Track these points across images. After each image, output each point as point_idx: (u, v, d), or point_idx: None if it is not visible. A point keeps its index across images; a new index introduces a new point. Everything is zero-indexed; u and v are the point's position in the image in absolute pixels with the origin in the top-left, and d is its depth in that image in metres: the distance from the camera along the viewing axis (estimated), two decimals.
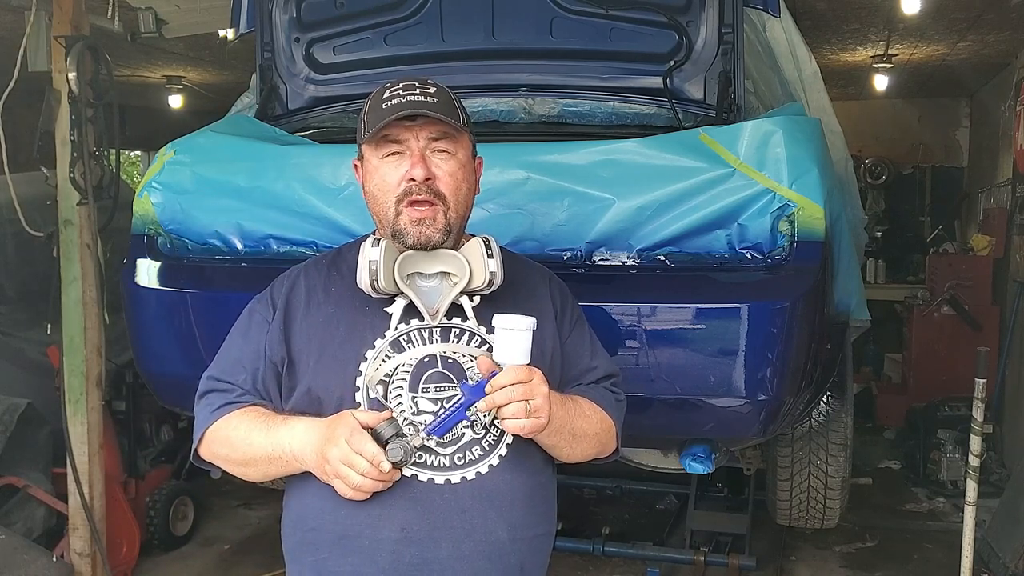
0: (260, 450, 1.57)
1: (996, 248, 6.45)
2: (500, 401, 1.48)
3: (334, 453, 1.47)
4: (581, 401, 1.65)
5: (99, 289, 3.78)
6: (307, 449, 1.52)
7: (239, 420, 1.61)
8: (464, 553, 1.54)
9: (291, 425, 1.56)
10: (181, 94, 7.48)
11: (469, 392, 1.52)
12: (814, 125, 2.72)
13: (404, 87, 1.62)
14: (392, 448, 1.46)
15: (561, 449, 1.64)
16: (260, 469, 1.61)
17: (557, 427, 1.57)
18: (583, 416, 1.64)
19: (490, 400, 1.48)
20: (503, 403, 1.48)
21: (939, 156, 8.61)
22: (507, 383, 1.48)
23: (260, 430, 1.57)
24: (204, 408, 1.66)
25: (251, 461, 1.60)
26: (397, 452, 1.46)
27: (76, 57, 3.58)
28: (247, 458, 1.60)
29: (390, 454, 1.46)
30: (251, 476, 1.65)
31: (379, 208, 1.64)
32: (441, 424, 1.53)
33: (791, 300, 2.36)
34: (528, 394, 1.48)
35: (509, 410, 1.48)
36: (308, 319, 1.65)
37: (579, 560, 4.28)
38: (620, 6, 3.02)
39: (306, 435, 1.53)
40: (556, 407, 1.54)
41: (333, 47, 3.28)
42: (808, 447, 3.47)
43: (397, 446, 1.47)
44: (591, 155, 2.49)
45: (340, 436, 1.47)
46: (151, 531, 4.44)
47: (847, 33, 5.78)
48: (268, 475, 1.63)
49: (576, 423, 1.62)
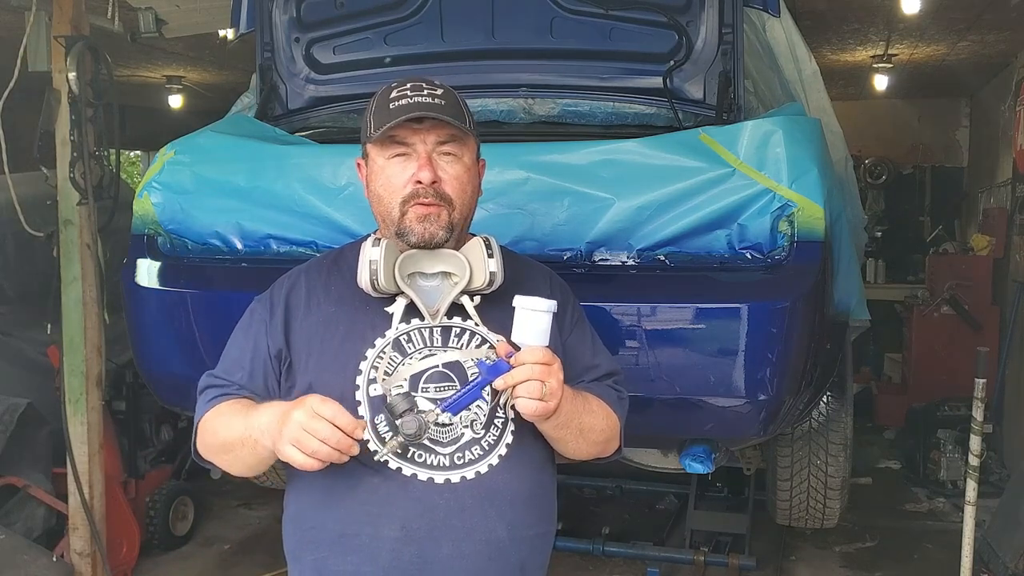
0: (236, 433, 1.53)
1: (996, 248, 6.45)
2: (519, 379, 1.46)
3: (296, 415, 1.40)
4: (589, 397, 1.65)
5: (99, 289, 3.78)
6: (274, 420, 1.45)
7: (227, 407, 1.60)
8: (464, 552, 1.54)
9: (268, 405, 1.53)
10: (181, 94, 7.48)
11: (487, 371, 1.50)
12: (814, 125, 2.72)
13: (412, 87, 1.61)
14: (406, 421, 1.45)
15: (567, 444, 1.64)
16: (238, 455, 1.56)
17: (565, 420, 1.56)
18: (591, 412, 1.63)
19: (509, 376, 1.46)
20: (522, 380, 1.45)
21: (939, 156, 8.61)
22: (528, 361, 1.46)
23: (240, 415, 1.55)
24: (200, 402, 1.66)
25: (230, 446, 1.56)
26: (411, 425, 1.45)
27: (76, 57, 3.58)
28: (226, 443, 1.57)
29: (404, 426, 1.44)
30: (234, 466, 1.61)
31: (383, 208, 1.64)
32: (457, 402, 1.51)
33: (791, 300, 2.36)
34: (546, 376, 1.46)
35: (525, 388, 1.46)
36: (308, 318, 1.65)
37: (579, 560, 4.27)
38: (620, 6, 3.03)
39: (272, 410, 1.48)
40: (567, 399, 1.53)
41: (333, 47, 3.28)
42: (808, 447, 3.48)
43: (411, 418, 1.45)
44: (591, 155, 2.49)
45: (308, 403, 1.41)
46: (151, 531, 4.44)
47: (847, 33, 5.78)
48: (247, 463, 1.58)
49: (584, 418, 1.61)
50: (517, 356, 1.47)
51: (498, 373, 1.47)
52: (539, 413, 1.49)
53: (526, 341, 1.48)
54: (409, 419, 1.45)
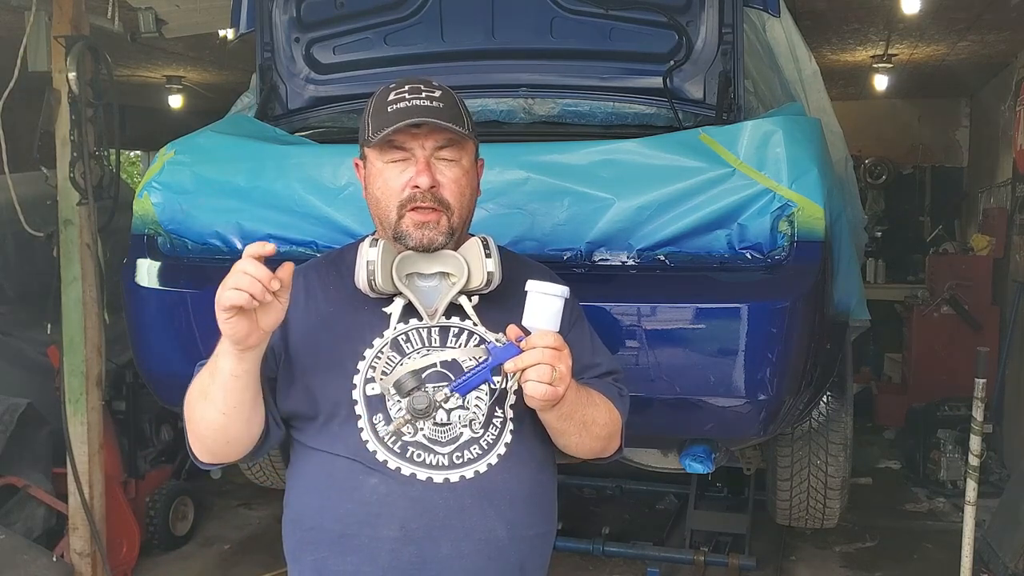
0: (201, 382, 1.50)
1: (996, 248, 6.45)
2: (529, 361, 1.44)
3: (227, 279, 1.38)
4: (592, 391, 1.64)
5: (99, 289, 3.78)
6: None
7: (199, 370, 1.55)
8: (464, 552, 1.54)
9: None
10: (181, 94, 7.48)
11: (496, 354, 1.48)
12: (814, 125, 2.72)
13: (410, 90, 1.60)
14: (417, 396, 1.45)
15: (570, 436, 1.62)
16: (210, 402, 1.49)
17: (569, 411, 1.55)
18: (594, 404, 1.62)
19: (520, 359, 1.44)
20: (532, 363, 1.44)
21: (939, 156, 8.61)
22: (539, 345, 1.45)
23: (206, 368, 1.51)
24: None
25: (200, 398, 1.51)
26: (422, 400, 1.45)
27: (76, 57, 3.58)
28: (196, 397, 1.52)
29: (416, 401, 1.45)
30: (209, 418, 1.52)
31: (380, 211, 1.64)
32: (466, 382, 1.49)
33: (791, 300, 2.36)
34: (556, 360, 1.45)
35: (535, 372, 1.44)
36: (306, 318, 1.64)
37: (579, 560, 4.27)
38: (620, 6, 3.02)
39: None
40: (571, 389, 1.52)
41: (333, 47, 3.28)
42: (808, 447, 3.48)
43: (421, 395, 1.45)
44: (591, 155, 2.49)
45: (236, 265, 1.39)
46: (151, 531, 4.44)
47: (847, 33, 5.78)
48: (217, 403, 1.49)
49: (587, 411, 1.60)
50: (528, 339, 1.46)
51: (509, 355, 1.46)
52: (548, 397, 1.47)
53: (537, 325, 1.47)
54: (420, 395, 1.45)
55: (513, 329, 1.49)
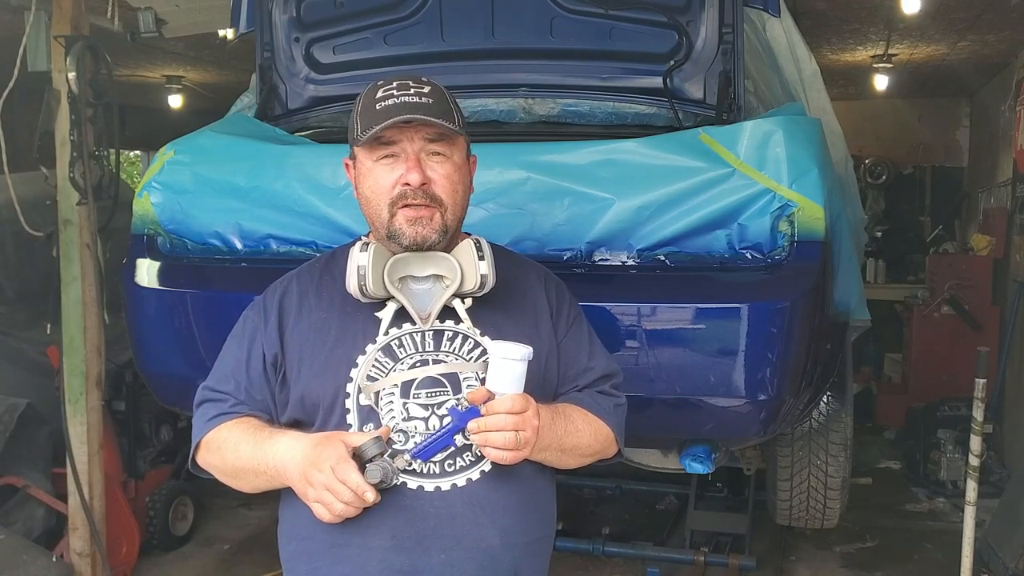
0: (247, 462, 1.56)
1: (996, 248, 6.45)
2: (491, 426, 1.46)
3: (318, 479, 1.44)
4: (574, 415, 1.63)
5: (99, 289, 3.78)
6: (291, 467, 1.49)
7: (229, 432, 1.60)
8: (455, 560, 1.52)
9: (276, 440, 1.54)
10: (181, 94, 7.48)
11: (458, 418, 1.49)
12: (814, 125, 2.71)
13: (398, 86, 1.59)
14: (371, 469, 1.44)
15: (550, 461, 1.63)
16: (248, 481, 1.60)
17: (544, 446, 1.55)
18: (575, 432, 1.61)
19: (483, 422, 1.46)
20: (494, 428, 1.46)
21: (939, 156, 8.61)
22: (501, 411, 1.46)
23: (248, 442, 1.56)
24: (199, 419, 1.65)
25: (239, 473, 1.59)
26: (376, 473, 1.44)
27: (76, 57, 3.58)
28: (236, 469, 1.59)
29: (369, 475, 1.44)
30: (242, 487, 1.64)
31: (372, 211, 1.62)
32: (427, 448, 1.50)
33: (791, 300, 2.36)
34: (519, 425, 1.46)
35: (497, 439, 1.46)
36: (300, 325, 1.63)
37: (579, 560, 4.27)
38: (620, 6, 3.02)
39: (290, 452, 1.50)
40: (545, 428, 1.52)
41: (333, 47, 3.28)
42: (808, 447, 3.47)
43: (376, 467, 1.44)
44: (591, 155, 2.49)
45: (326, 461, 1.44)
46: (151, 531, 4.44)
47: (847, 33, 5.78)
48: (257, 487, 1.61)
49: (565, 440, 1.59)
50: (490, 405, 1.47)
51: (470, 419, 1.47)
52: (510, 460, 1.49)
53: (500, 389, 1.48)
54: (374, 468, 1.45)
55: (479, 392, 1.49)
